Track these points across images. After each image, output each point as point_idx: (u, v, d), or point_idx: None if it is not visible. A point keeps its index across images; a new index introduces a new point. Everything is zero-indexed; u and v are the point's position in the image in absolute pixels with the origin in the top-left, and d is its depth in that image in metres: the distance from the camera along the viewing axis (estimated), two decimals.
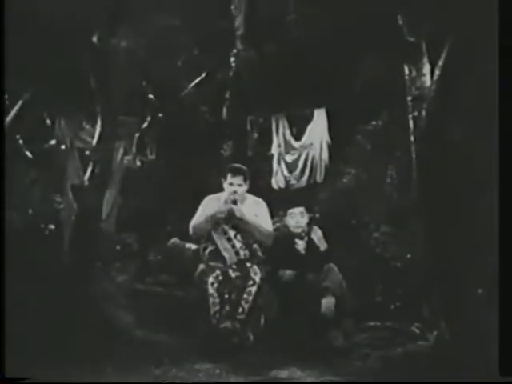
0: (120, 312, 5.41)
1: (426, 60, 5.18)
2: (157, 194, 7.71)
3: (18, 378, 3.88)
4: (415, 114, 5.25)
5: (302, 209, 5.85)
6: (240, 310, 5.12)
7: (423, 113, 5.06)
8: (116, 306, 5.47)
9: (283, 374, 4.69)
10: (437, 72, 4.90)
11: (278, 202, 6.32)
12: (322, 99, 7.42)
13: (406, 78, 5.38)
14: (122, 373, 4.46)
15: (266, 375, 4.63)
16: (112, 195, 7.06)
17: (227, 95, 8.14)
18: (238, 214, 5.42)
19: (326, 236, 5.81)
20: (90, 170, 5.75)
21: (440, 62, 4.85)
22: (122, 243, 7.59)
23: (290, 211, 5.85)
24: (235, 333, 5.05)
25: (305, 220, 5.83)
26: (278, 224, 6.30)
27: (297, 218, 5.82)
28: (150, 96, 7.94)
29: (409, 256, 5.73)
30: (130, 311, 5.49)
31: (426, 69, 5.17)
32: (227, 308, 5.10)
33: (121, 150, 7.21)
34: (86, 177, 5.79)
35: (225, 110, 8.11)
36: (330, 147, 7.41)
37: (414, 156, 5.33)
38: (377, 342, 5.09)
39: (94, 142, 5.78)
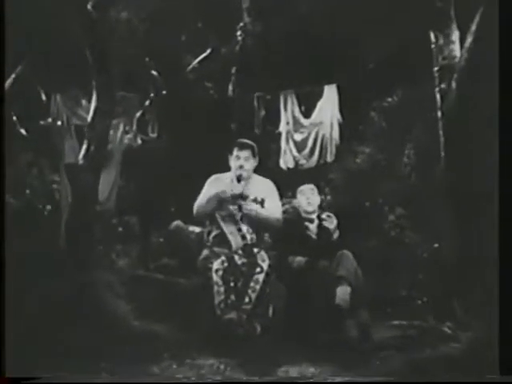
0: (118, 301, 5.03)
1: (454, 26, 4.72)
2: (159, 174, 7.39)
3: (18, 378, 3.80)
4: (443, 86, 4.80)
5: (312, 186, 5.50)
6: (246, 299, 4.75)
7: (453, 85, 4.61)
8: (114, 294, 5.09)
9: (293, 371, 4.34)
10: (468, 39, 4.44)
11: (286, 183, 6.04)
12: (333, 74, 7.10)
13: (433, 46, 4.92)
14: (117, 369, 4.11)
15: (274, 373, 4.27)
16: (111, 175, 6.78)
17: (233, 71, 7.84)
18: (244, 194, 5.09)
19: (337, 219, 5.42)
20: (84, 148, 5.35)
21: (473, 27, 4.39)
22: (122, 226, 7.38)
23: (300, 188, 5.50)
24: (241, 324, 4.68)
25: (316, 199, 5.47)
26: (286, 206, 5.93)
27: (308, 195, 5.46)
28: (153, 72, 7.63)
29: (436, 245, 5.27)
30: (128, 300, 5.09)
31: (455, 36, 4.73)
32: (232, 297, 4.74)
33: (120, 128, 6.90)
34: (81, 155, 5.39)
35: (230, 86, 7.82)
36: (341, 125, 7.06)
37: (441, 133, 4.88)
38: (401, 342, 4.68)
39: (89, 118, 5.38)
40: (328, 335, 4.84)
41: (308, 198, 5.45)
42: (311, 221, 5.42)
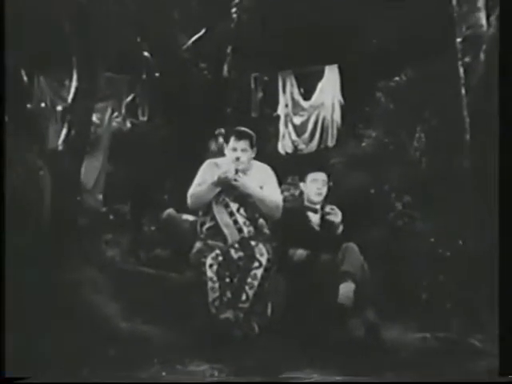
0: (104, 299, 4.63)
1: None
2: (151, 160, 7.12)
3: (19, 378, 3.56)
4: (467, 60, 4.33)
5: (324, 175, 5.07)
6: (243, 297, 4.37)
7: (481, 57, 4.15)
8: (100, 291, 4.69)
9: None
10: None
11: (285, 169, 5.79)
12: (335, 53, 6.77)
13: (455, 14, 4.46)
14: (101, 376, 3.71)
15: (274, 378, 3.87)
16: (98, 161, 6.48)
17: (228, 50, 7.55)
18: (240, 188, 4.68)
19: (340, 208, 4.99)
20: (64, 132, 4.94)
21: None
22: (112, 215, 7.04)
23: (314, 177, 5.06)
24: (238, 324, 4.30)
25: (325, 189, 5.06)
26: (286, 193, 5.72)
27: (319, 185, 5.05)
28: (145, 53, 7.29)
29: (460, 242, 4.82)
30: (116, 298, 4.69)
31: (481, 2, 4.27)
32: (228, 295, 4.36)
33: (108, 111, 6.56)
34: (60, 140, 4.98)
35: (226, 66, 7.52)
36: (342, 108, 6.79)
37: (465, 113, 4.42)
38: (419, 355, 4.26)
39: (69, 99, 4.97)
40: (332, 336, 4.43)
41: (319, 188, 5.04)
42: (314, 211, 5.02)
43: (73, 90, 4.95)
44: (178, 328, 4.45)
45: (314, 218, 5.01)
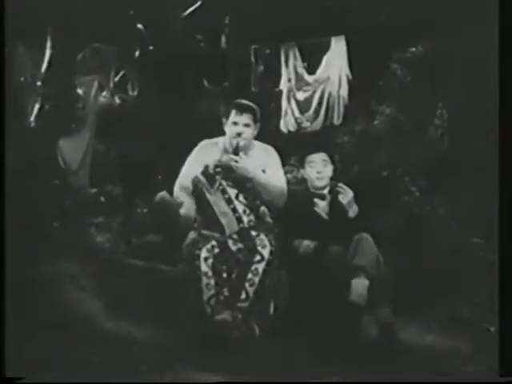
0: (85, 295, 4.14)
1: None
2: (144, 138, 6.67)
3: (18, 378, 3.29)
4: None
5: (323, 155, 4.55)
6: (243, 295, 3.91)
7: None
8: (81, 286, 4.20)
9: None
10: None
11: (287, 149, 5.34)
12: (343, 21, 6.27)
13: None
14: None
15: None
16: (84, 140, 5.89)
17: (226, 21, 6.95)
18: (239, 171, 4.18)
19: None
20: (37, 107, 4.43)
21: None
22: (102, 197, 6.66)
23: (310, 158, 4.55)
24: (236, 326, 3.83)
25: (328, 171, 4.54)
26: (288, 175, 5.39)
27: (318, 167, 4.52)
28: (139, 26, 6.77)
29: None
30: (100, 294, 4.20)
31: None
32: (226, 292, 3.90)
33: (95, 85, 5.97)
34: (33, 116, 4.47)
35: (224, 38, 6.95)
36: (350, 82, 6.27)
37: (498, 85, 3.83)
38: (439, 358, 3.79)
39: (43, 69, 4.45)
40: (343, 338, 3.94)
41: (319, 171, 4.53)
42: (322, 197, 4.50)
43: (46, 59, 4.43)
44: (168, 330, 3.96)
45: (322, 205, 4.49)
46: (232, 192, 4.22)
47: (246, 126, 4.30)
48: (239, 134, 4.27)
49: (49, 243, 4.49)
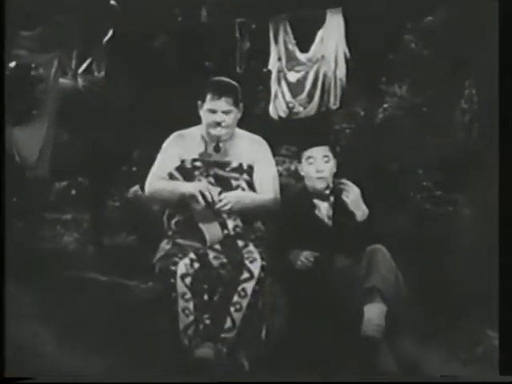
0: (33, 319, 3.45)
1: None
2: (113, 125, 6.21)
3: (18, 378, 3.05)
4: None
5: (325, 150, 3.81)
6: (228, 323, 3.22)
7: None
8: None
9: None
10: None
11: (278, 139, 4.95)
12: None
13: None
14: None
15: None
16: (42, 129, 5.51)
17: None
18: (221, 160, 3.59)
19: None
20: None
21: None
22: (62, 193, 6.53)
23: (308, 154, 3.81)
24: (220, 362, 3.13)
25: (330, 167, 3.79)
26: (279, 167, 5.07)
27: (318, 164, 3.78)
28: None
29: None
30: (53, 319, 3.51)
31: None
32: (206, 320, 3.20)
33: (54, 65, 5.55)
34: None
35: (204, 11, 6.54)
36: (347, 61, 5.92)
37: None
38: None
39: None
40: (351, 373, 3.25)
41: (319, 170, 3.78)
42: (323, 198, 3.76)
43: None
44: (135, 367, 3.26)
45: (323, 208, 3.76)
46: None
47: (226, 112, 3.59)
48: (218, 124, 3.57)
49: None
